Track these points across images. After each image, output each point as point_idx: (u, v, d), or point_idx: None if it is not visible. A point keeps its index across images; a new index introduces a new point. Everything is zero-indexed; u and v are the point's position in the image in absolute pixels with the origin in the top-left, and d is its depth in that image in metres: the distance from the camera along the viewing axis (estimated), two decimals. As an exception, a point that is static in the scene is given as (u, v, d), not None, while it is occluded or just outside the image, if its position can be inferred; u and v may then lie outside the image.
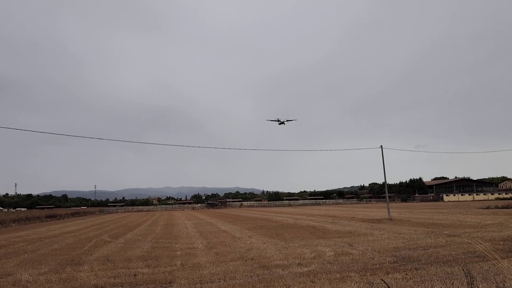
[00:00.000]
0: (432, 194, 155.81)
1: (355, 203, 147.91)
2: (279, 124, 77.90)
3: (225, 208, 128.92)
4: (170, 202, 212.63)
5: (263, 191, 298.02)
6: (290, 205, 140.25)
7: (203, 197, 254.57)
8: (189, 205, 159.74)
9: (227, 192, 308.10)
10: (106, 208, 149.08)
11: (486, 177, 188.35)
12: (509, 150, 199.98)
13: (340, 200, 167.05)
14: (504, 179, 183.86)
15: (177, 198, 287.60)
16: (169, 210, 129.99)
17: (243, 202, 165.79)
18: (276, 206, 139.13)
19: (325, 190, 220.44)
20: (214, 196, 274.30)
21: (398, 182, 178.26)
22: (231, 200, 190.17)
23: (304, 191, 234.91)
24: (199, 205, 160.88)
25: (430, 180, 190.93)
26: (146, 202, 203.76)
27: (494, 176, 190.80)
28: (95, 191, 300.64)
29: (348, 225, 32.98)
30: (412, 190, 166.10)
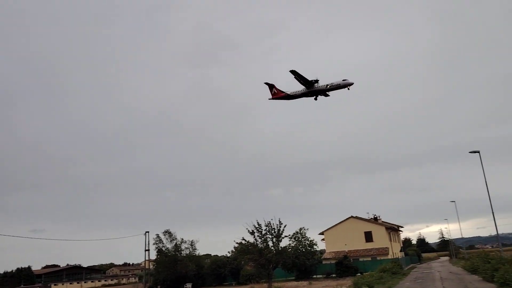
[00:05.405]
0: (40, 284, 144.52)
1: None
2: (309, 92, 43.61)
3: None
4: None
5: None
6: None
7: None
8: None
9: None
10: None
11: (97, 264, 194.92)
12: (116, 238, 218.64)
13: None
14: (112, 265, 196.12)
15: None
16: None
17: None
18: None
19: None
20: None
21: (3, 272, 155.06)
22: None
23: None
24: None
25: (41, 268, 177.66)
26: None
27: (104, 263, 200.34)
28: None
29: None
30: (19, 280, 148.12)
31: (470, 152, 39.92)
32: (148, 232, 67.62)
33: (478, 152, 39.32)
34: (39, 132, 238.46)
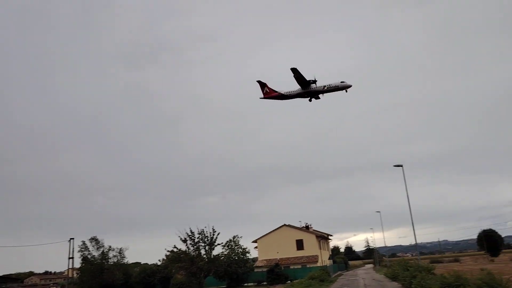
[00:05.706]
0: None
1: None
2: (305, 93, 39.70)
3: None
4: None
5: None
6: None
7: None
8: None
9: None
10: None
11: (14, 272, 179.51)
12: (38, 245, 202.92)
13: None
14: (31, 274, 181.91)
15: None
16: None
17: None
18: None
19: None
20: None
21: None
22: None
23: None
24: None
25: None
26: None
27: (22, 271, 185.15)
28: None
29: None
30: None
31: (394, 166, 42.55)
32: (73, 238, 63.54)
33: (401, 166, 42.06)
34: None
